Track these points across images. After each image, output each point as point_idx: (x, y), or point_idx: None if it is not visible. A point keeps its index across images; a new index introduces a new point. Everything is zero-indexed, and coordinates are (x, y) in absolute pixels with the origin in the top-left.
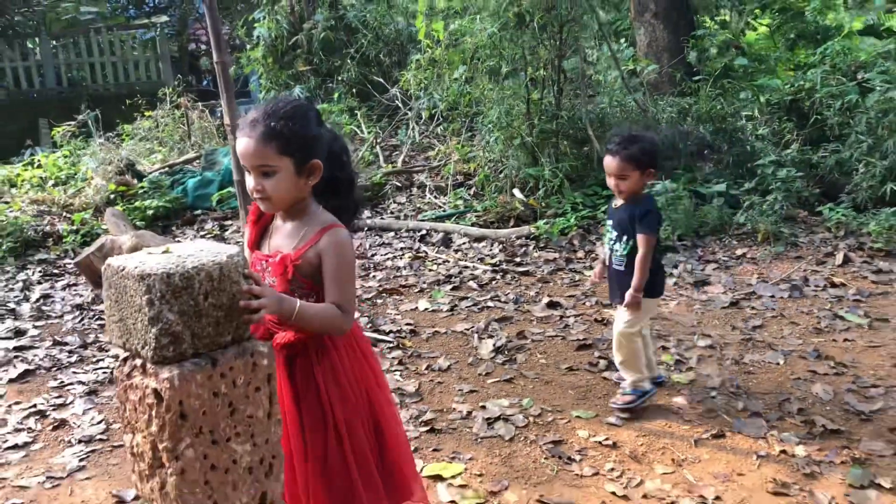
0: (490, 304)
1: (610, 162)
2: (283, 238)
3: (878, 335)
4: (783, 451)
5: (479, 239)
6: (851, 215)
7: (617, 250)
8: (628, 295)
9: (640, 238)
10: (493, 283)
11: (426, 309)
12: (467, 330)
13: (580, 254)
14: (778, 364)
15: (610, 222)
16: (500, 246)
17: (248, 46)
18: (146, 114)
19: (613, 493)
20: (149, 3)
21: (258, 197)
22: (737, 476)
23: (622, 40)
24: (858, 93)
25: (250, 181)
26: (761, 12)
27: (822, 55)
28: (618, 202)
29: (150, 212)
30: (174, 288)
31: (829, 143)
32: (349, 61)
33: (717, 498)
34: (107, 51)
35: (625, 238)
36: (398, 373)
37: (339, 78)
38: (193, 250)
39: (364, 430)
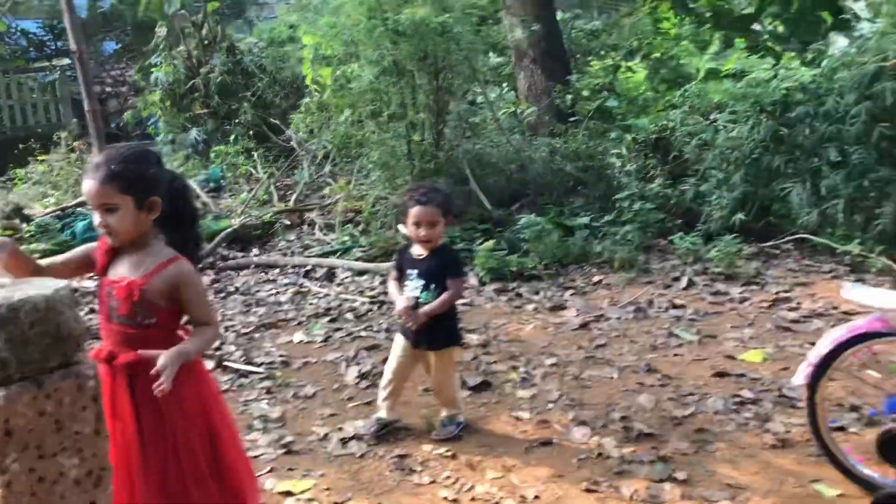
0: (363, 333)
1: (421, 211)
2: (129, 266)
3: (704, 350)
4: (600, 454)
5: (361, 273)
6: (698, 243)
7: (425, 299)
8: (423, 311)
9: (454, 282)
10: (370, 314)
11: (301, 341)
12: (337, 359)
13: None
14: (612, 378)
15: (414, 272)
16: (381, 279)
17: (147, 90)
18: (40, 158)
19: (445, 498)
20: (50, 47)
21: (104, 232)
22: (557, 477)
23: (505, 84)
24: (713, 131)
25: (97, 218)
26: (632, 57)
27: (683, 97)
28: (420, 252)
29: (36, 255)
30: (1, 318)
31: (688, 177)
32: (246, 104)
33: (537, 497)
34: (2, 94)
35: (433, 286)
36: (265, 401)
37: (237, 120)
38: (26, 285)
39: (200, 444)
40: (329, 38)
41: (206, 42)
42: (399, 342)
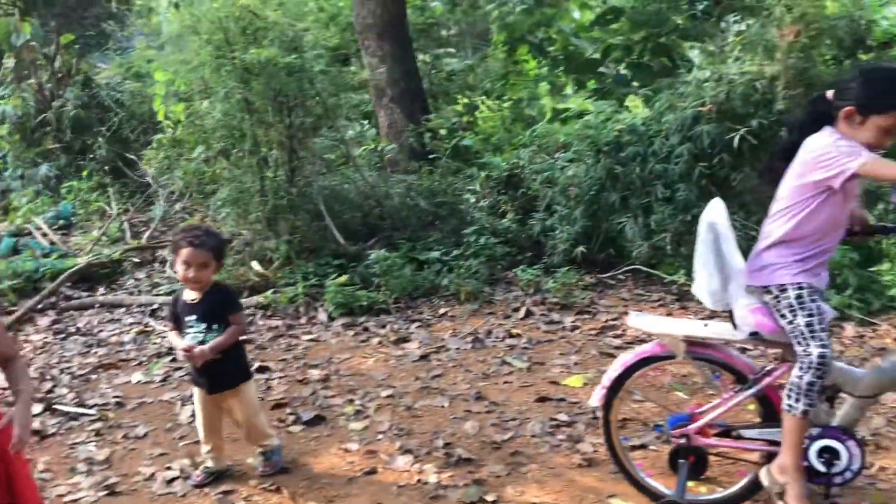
0: None
1: (193, 253)
2: None
3: (532, 376)
4: (419, 481)
5: None
6: (539, 275)
7: (209, 342)
8: (208, 347)
9: (235, 318)
10: None
11: (139, 381)
12: (173, 398)
13: (303, 320)
14: (443, 407)
15: (192, 318)
16: None
17: None
18: None
19: None
20: None
21: None
22: None
23: (366, 122)
24: (557, 169)
25: None
26: (488, 97)
27: (531, 137)
28: (193, 297)
29: None
30: None
31: (537, 212)
32: (101, 139)
33: None
34: None
35: (215, 327)
36: (93, 443)
37: (91, 155)
38: None
39: None
40: (180, 75)
41: (59, 75)
42: (198, 395)
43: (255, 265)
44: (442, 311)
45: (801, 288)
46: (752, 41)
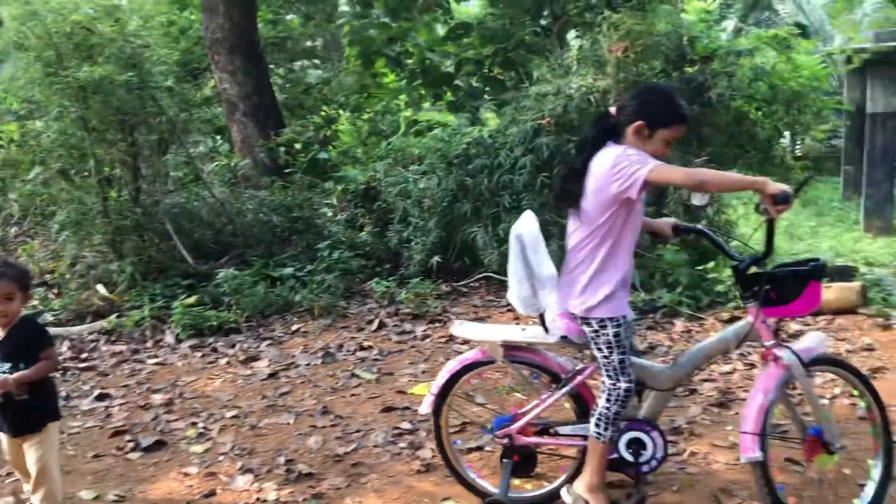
0: None
1: None
2: None
3: (380, 388)
4: (258, 499)
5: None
6: (393, 286)
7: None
8: (14, 378)
9: (46, 353)
10: None
11: None
12: None
13: (149, 343)
14: (288, 424)
15: None
16: (70, 342)
17: None
18: None
19: None
20: None
21: None
22: None
23: (219, 137)
24: (412, 181)
25: None
26: (344, 111)
27: (386, 150)
28: None
29: None
30: None
31: (394, 224)
32: None
33: None
34: None
35: (21, 365)
36: None
37: None
38: None
39: None
40: (10, 93)
41: None
42: (3, 437)
43: (100, 288)
44: (295, 327)
45: (618, 325)
46: (585, 56)
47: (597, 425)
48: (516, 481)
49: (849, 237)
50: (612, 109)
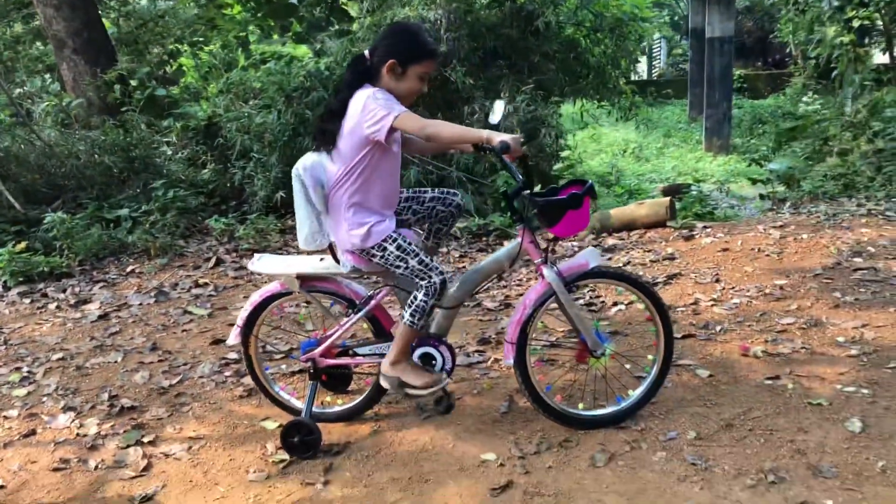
0: None
1: None
2: None
3: (212, 322)
4: (78, 434)
5: None
6: (234, 223)
7: None
8: None
9: None
10: None
11: None
12: None
13: None
14: (116, 362)
15: None
16: None
17: None
18: None
19: None
20: None
21: None
22: (30, 464)
23: (48, 75)
24: (251, 116)
25: None
26: (182, 45)
27: (227, 84)
28: None
29: None
30: None
31: (238, 160)
32: None
33: (2, 486)
34: None
35: None
36: None
37: None
38: None
39: None
40: None
41: None
42: None
43: None
44: (130, 268)
45: (394, 241)
46: None
47: (412, 315)
48: (328, 398)
49: (692, 156)
50: (366, 52)
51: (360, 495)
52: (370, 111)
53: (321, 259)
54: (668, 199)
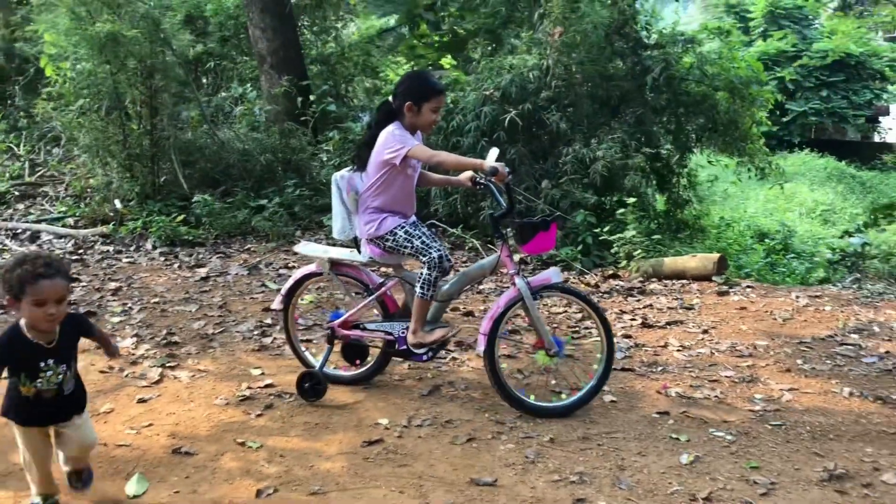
0: None
1: (50, 286)
2: None
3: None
4: (131, 353)
5: (62, 236)
6: None
7: (70, 389)
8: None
9: (99, 334)
10: None
11: None
12: None
13: (133, 248)
14: (190, 311)
15: (50, 361)
16: (73, 241)
17: None
18: None
19: None
20: None
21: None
22: (91, 366)
23: (248, 85)
24: None
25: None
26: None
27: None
28: (47, 339)
29: None
30: None
31: None
32: (16, 88)
33: None
34: None
35: (72, 363)
36: None
37: (9, 102)
38: None
39: None
40: (59, 37)
41: None
42: (25, 434)
43: (117, 203)
44: (248, 247)
45: (401, 228)
46: (536, 38)
47: (422, 287)
48: (343, 365)
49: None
50: (390, 98)
51: (275, 427)
52: (389, 144)
53: (350, 251)
54: (718, 255)
